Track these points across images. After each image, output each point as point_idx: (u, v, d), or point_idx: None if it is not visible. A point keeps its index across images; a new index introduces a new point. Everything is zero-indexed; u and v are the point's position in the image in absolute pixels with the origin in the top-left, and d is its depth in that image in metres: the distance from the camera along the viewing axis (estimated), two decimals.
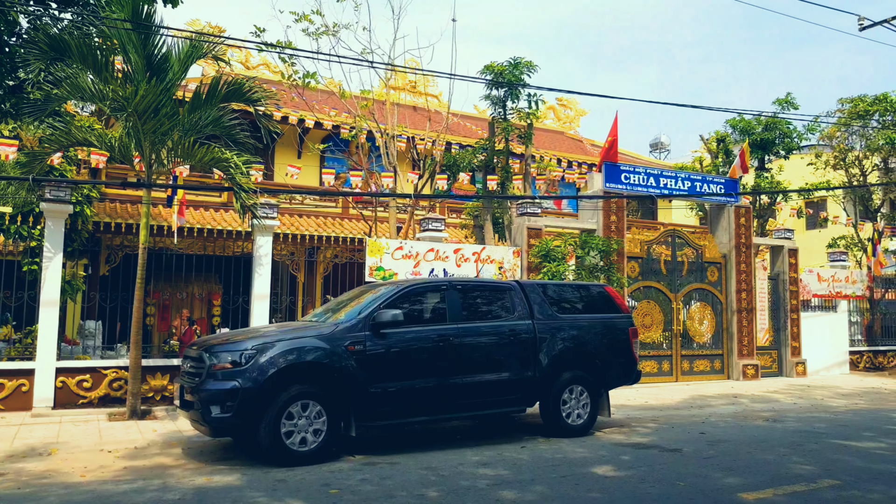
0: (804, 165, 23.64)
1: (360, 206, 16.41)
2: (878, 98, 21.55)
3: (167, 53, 10.12)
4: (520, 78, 15.21)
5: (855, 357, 19.84)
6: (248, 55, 19.37)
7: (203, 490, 6.35)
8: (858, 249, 22.46)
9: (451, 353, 8.34)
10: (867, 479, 6.97)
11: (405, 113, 18.13)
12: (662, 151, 36.19)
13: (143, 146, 10.06)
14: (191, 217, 13.98)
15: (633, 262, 15.61)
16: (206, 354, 7.60)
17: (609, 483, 6.74)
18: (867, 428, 10.33)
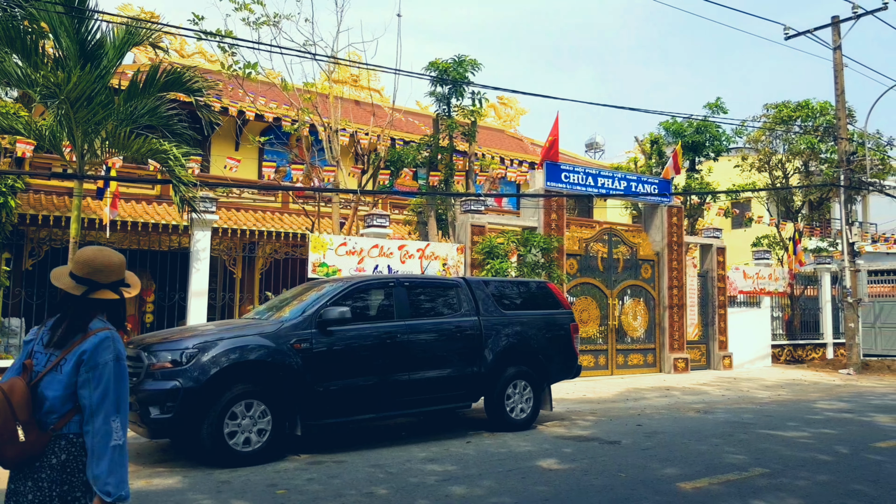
0: (731, 167, 24.50)
1: (302, 201, 16.20)
2: (800, 105, 22.54)
3: (102, 39, 9.76)
4: (464, 76, 15.28)
5: (777, 350, 20.71)
6: (184, 43, 18.85)
7: (143, 494, 6.17)
8: (780, 248, 23.42)
9: (398, 350, 8.33)
10: (794, 467, 7.30)
11: (348, 107, 17.97)
12: (597, 151, 36.88)
13: (75, 135, 9.68)
14: (123, 210, 13.53)
15: (572, 259, 15.90)
16: (143, 353, 7.36)
17: (554, 476, 6.87)
18: (791, 418, 10.81)
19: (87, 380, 2.68)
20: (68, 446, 2.70)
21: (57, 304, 2.89)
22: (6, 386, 2.67)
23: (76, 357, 2.70)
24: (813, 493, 6.25)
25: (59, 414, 2.71)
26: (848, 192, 19.25)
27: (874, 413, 11.50)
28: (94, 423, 2.65)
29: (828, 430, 9.73)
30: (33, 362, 2.80)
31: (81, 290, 2.80)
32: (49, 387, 2.71)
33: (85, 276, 2.81)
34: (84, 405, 2.68)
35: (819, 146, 22.07)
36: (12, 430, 2.61)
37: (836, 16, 19.22)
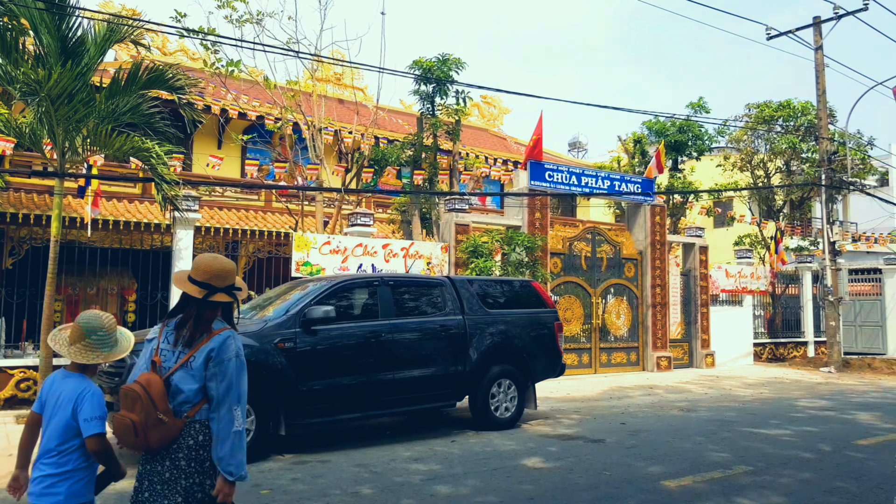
0: (714, 167, 24.68)
1: (286, 200, 16.12)
2: (781, 104, 22.74)
3: (83, 36, 9.63)
4: (448, 74, 15.27)
5: (758, 349, 20.89)
6: (166, 40, 18.68)
7: (126, 495, 6.06)
8: (762, 247, 23.62)
9: (383, 349, 8.31)
10: (777, 465, 7.36)
11: (331, 105, 17.90)
12: (580, 151, 37.03)
13: (55, 133, 9.56)
14: (105, 209, 13.39)
15: (555, 258, 15.94)
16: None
17: (539, 475, 6.88)
18: (773, 416, 10.90)
19: (214, 374, 3.08)
20: (200, 432, 3.11)
21: (178, 305, 3.24)
22: (144, 380, 3.05)
23: (204, 354, 3.10)
24: (796, 491, 6.30)
25: (192, 404, 3.11)
26: (829, 192, 19.44)
27: (855, 411, 11.62)
28: (220, 411, 3.07)
29: (810, 427, 9.82)
30: (161, 359, 3.17)
31: (203, 293, 3.15)
32: (182, 380, 3.10)
33: (204, 280, 3.15)
34: (211, 396, 3.09)
35: (800, 146, 22.28)
36: (154, 418, 3.00)
37: (818, 16, 19.41)
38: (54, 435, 3.15)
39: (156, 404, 3.01)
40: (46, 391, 3.28)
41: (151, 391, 3.02)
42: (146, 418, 3.00)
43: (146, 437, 3.02)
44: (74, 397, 3.15)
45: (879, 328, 24.72)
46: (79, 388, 3.19)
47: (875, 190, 27.11)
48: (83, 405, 3.13)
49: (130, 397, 3.05)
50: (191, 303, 3.18)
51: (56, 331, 3.35)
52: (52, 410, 3.20)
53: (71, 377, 3.25)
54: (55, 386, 3.26)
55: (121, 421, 3.05)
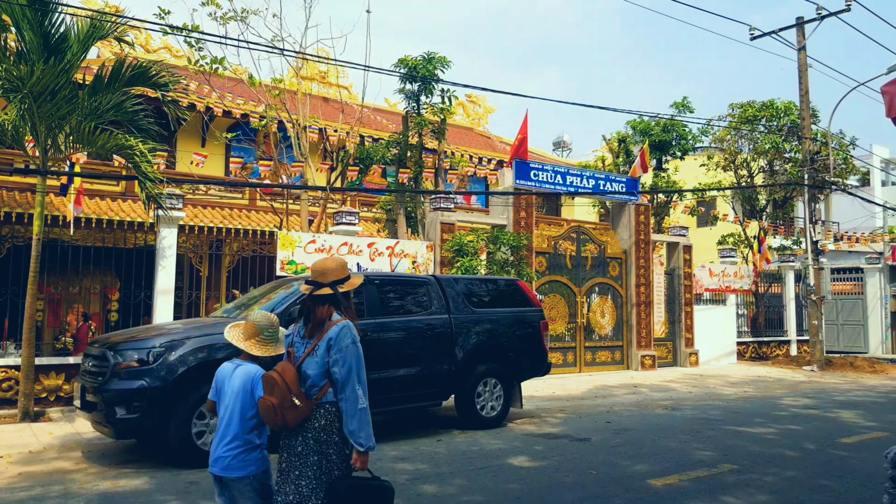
0: (697, 166, 24.79)
1: (270, 198, 16.03)
2: (765, 104, 22.88)
3: (66, 33, 9.53)
4: (433, 73, 15.24)
5: (742, 347, 21.05)
6: (149, 37, 18.51)
7: (109, 495, 6.05)
8: (745, 246, 23.78)
9: (368, 348, 8.08)
10: (762, 463, 7.41)
11: (316, 104, 17.82)
12: (565, 150, 37.11)
13: (38, 130, 9.45)
14: (87, 207, 13.25)
15: (540, 257, 15.97)
16: (109, 353, 7.24)
17: (525, 473, 6.89)
18: (757, 414, 10.98)
19: (336, 360, 3.55)
20: (327, 413, 3.60)
21: (305, 304, 3.76)
22: (280, 368, 3.57)
23: (325, 343, 3.58)
24: (781, 489, 6.35)
25: (318, 387, 3.60)
26: (812, 192, 19.60)
27: (838, 409, 11.73)
28: (346, 391, 3.53)
29: (794, 426, 9.90)
30: (294, 350, 3.71)
31: (308, 289, 3.72)
32: (309, 367, 3.61)
33: (312, 279, 3.75)
34: (336, 379, 3.56)
35: (783, 146, 22.44)
36: (290, 401, 3.50)
37: (801, 17, 19.55)
38: (237, 416, 3.73)
39: (290, 388, 3.51)
40: (221, 380, 3.88)
41: (286, 377, 3.53)
42: (282, 401, 3.51)
43: (284, 416, 3.52)
44: (249, 381, 3.74)
45: (861, 327, 25.01)
46: (251, 372, 3.78)
47: (857, 190, 27.40)
48: (257, 386, 3.72)
49: (269, 383, 3.57)
50: (317, 301, 3.70)
51: (229, 328, 3.97)
52: (229, 396, 3.79)
53: (242, 365, 3.85)
54: (228, 375, 3.86)
55: (264, 403, 3.58)
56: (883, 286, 24.66)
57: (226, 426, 3.76)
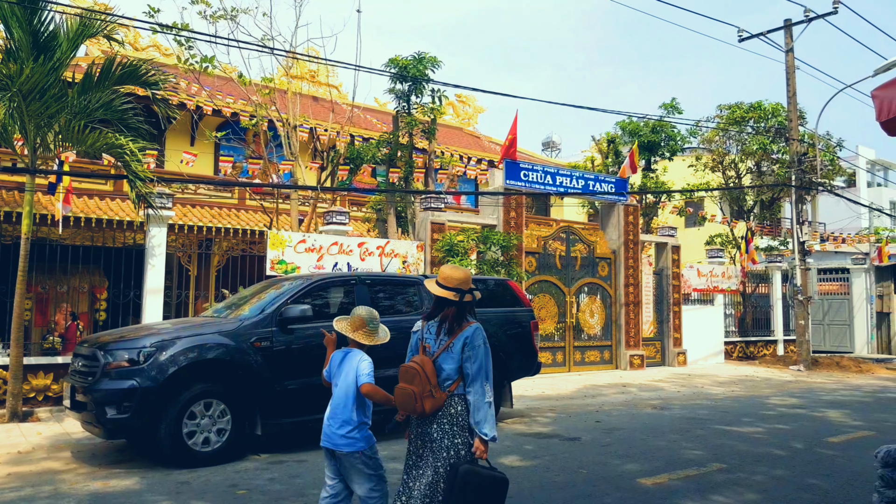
0: (686, 167, 24.95)
1: (260, 198, 15.99)
2: (753, 106, 23.04)
3: (55, 31, 9.46)
4: (424, 73, 15.25)
5: (729, 347, 21.18)
6: (138, 36, 18.42)
7: (100, 495, 6.03)
8: (733, 247, 23.92)
9: None
10: (750, 462, 7.48)
11: (306, 103, 17.78)
12: (554, 150, 37.23)
13: (27, 129, 9.37)
14: (76, 206, 13.18)
15: (530, 256, 16.01)
16: (99, 352, 7.21)
17: (516, 472, 6.90)
18: (745, 414, 11.06)
19: (468, 357, 3.96)
20: (458, 403, 4.00)
21: (435, 306, 4.16)
22: (419, 360, 3.99)
23: (461, 341, 3.98)
24: (770, 488, 6.41)
25: (452, 380, 4.00)
26: (799, 192, 19.75)
27: (825, 408, 11.84)
28: (475, 386, 3.93)
29: (782, 425, 9.99)
30: (429, 346, 4.09)
31: (457, 296, 4.07)
32: (445, 362, 4.00)
33: (455, 287, 4.09)
34: (467, 374, 3.97)
35: (771, 147, 22.59)
36: (429, 391, 3.90)
37: (789, 19, 19.68)
38: (345, 397, 4.25)
39: (429, 379, 3.92)
40: (335, 365, 4.43)
41: (426, 369, 3.94)
42: (422, 390, 3.91)
43: (422, 404, 3.92)
44: (356, 365, 4.27)
45: (847, 327, 25.24)
46: (356, 358, 4.32)
47: (843, 191, 27.62)
48: (360, 367, 4.24)
49: (410, 373, 3.98)
50: (446, 303, 4.09)
51: (337, 321, 4.53)
52: (340, 379, 4.33)
53: (351, 352, 4.39)
54: (340, 360, 4.41)
55: (403, 391, 3.98)
56: (869, 286, 24.91)
57: (336, 406, 4.30)
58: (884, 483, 4.75)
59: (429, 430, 4.01)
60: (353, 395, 4.24)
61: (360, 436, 4.22)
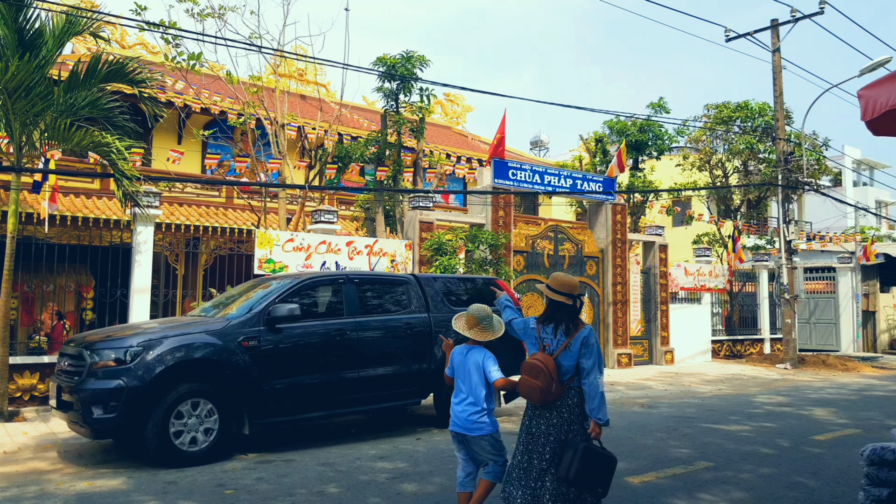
0: (673, 166, 25.05)
1: (247, 196, 15.92)
2: (740, 105, 23.17)
3: (41, 28, 9.39)
4: (412, 72, 15.23)
5: (717, 346, 21.29)
6: (125, 33, 18.30)
7: (86, 495, 6.00)
8: (720, 246, 24.06)
9: (348, 347, 8.27)
10: (737, 460, 7.52)
11: (294, 101, 17.73)
12: (542, 149, 37.27)
13: (12, 127, 9.29)
14: (62, 204, 13.08)
15: (518, 255, 16.03)
16: (86, 352, 7.16)
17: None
18: (732, 412, 11.13)
19: (585, 353, 4.57)
20: (575, 394, 4.62)
21: (550, 310, 4.73)
22: (542, 358, 4.54)
23: (579, 341, 4.57)
24: (757, 486, 6.45)
25: (570, 374, 4.60)
26: (785, 192, 19.87)
27: (812, 407, 11.92)
28: (590, 378, 4.54)
29: (768, 423, 10.05)
30: (548, 344, 4.64)
31: (572, 301, 4.66)
32: (564, 359, 4.58)
33: (569, 292, 4.66)
34: (583, 368, 4.56)
35: (758, 146, 22.72)
36: (553, 383, 4.49)
37: (776, 19, 19.79)
38: (473, 388, 4.86)
39: (552, 375, 4.49)
40: (457, 361, 4.99)
41: (549, 366, 4.50)
42: (547, 384, 4.48)
43: (546, 396, 4.51)
44: (482, 361, 4.87)
45: (833, 325, 25.43)
46: (480, 355, 4.91)
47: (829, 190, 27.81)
48: (488, 364, 4.86)
49: (535, 369, 4.53)
50: (561, 307, 4.66)
51: (456, 319, 5.07)
52: (464, 372, 4.92)
53: (474, 349, 4.96)
54: (463, 356, 4.98)
55: (528, 384, 4.56)
56: (854, 285, 25.10)
57: (466, 397, 4.88)
58: (869, 481, 4.79)
59: (547, 416, 4.63)
60: (482, 387, 4.85)
61: (488, 420, 4.84)
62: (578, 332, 4.60)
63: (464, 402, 4.88)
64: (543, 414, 4.65)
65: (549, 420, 4.62)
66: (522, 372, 4.64)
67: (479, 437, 4.84)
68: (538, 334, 4.72)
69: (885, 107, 4.35)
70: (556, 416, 4.60)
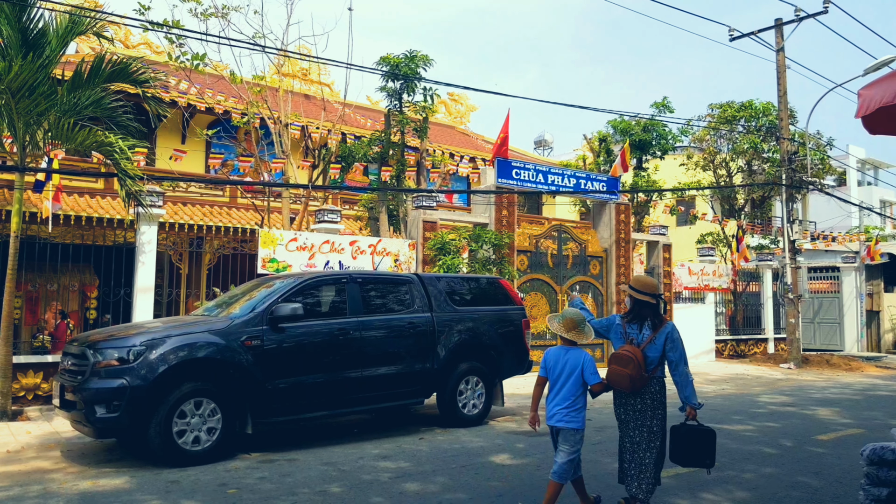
0: (677, 166, 25.01)
1: (251, 196, 15.93)
2: (744, 105, 23.11)
3: (45, 28, 9.41)
4: (416, 71, 15.22)
5: (720, 345, 21.24)
6: (129, 33, 18.33)
7: (89, 495, 6.01)
8: (724, 245, 24.01)
9: (351, 346, 8.27)
10: (740, 460, 7.50)
11: (298, 101, 17.74)
12: (546, 149, 37.24)
13: (16, 127, 9.32)
14: (66, 203, 13.11)
15: (522, 255, 16.02)
16: (89, 351, 7.17)
17: (507, 471, 6.92)
18: (736, 412, 11.10)
19: (671, 347, 5.14)
20: (658, 383, 5.23)
21: (635, 308, 5.26)
22: (630, 350, 5.07)
23: (664, 336, 5.14)
24: (759, 486, 6.43)
25: (654, 365, 5.16)
26: (789, 191, 19.83)
27: (815, 406, 11.89)
28: (679, 369, 5.13)
29: (772, 423, 10.02)
30: (634, 338, 5.18)
31: (655, 300, 5.22)
32: (649, 351, 5.12)
33: (652, 293, 5.22)
34: (671, 361, 5.15)
35: (762, 146, 22.67)
36: (640, 371, 5.03)
37: (780, 18, 19.74)
38: (570, 387, 5.25)
39: (640, 365, 5.02)
40: (552, 361, 5.38)
41: (637, 356, 5.03)
42: (635, 373, 5.01)
43: (634, 383, 5.04)
44: (580, 362, 5.25)
45: (837, 325, 25.38)
46: (581, 356, 5.29)
47: (833, 189, 27.77)
48: (587, 366, 5.24)
49: (624, 359, 5.05)
50: (646, 306, 5.20)
51: (551, 320, 5.51)
52: (559, 372, 5.31)
53: (571, 350, 5.35)
54: (558, 357, 5.36)
55: (618, 372, 5.09)
56: (858, 285, 25.04)
57: (562, 393, 5.28)
58: (869, 481, 4.78)
59: (633, 402, 5.22)
60: (580, 386, 5.26)
61: (580, 417, 5.28)
62: (663, 327, 5.16)
63: (561, 398, 5.29)
64: (629, 401, 5.24)
65: (635, 406, 5.22)
66: (611, 362, 5.17)
67: (572, 429, 5.26)
68: (624, 330, 5.28)
69: (878, 103, 4.33)
70: (640, 402, 5.19)
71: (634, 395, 5.18)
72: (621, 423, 5.37)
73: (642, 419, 5.19)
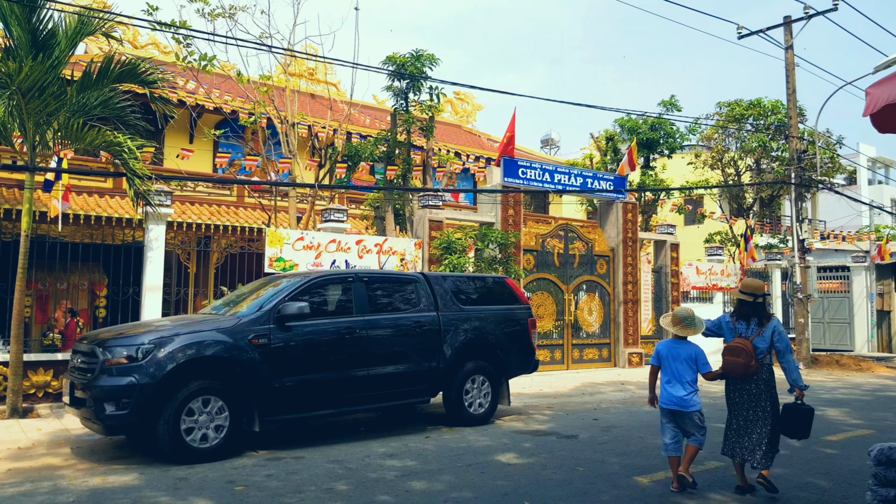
0: (685, 165, 24.94)
1: (258, 195, 15.99)
2: (752, 103, 23.02)
3: (54, 29, 9.47)
4: (422, 70, 15.25)
5: None
6: (137, 34, 18.42)
7: (99, 491, 6.06)
8: (732, 245, 23.91)
9: (357, 345, 8.30)
10: None
11: (304, 100, 17.80)
12: (553, 148, 37.21)
13: (26, 127, 9.39)
14: (75, 203, 13.19)
15: (528, 254, 16.02)
16: (98, 349, 7.23)
17: (513, 470, 6.93)
18: None
19: (778, 339, 6.11)
20: (767, 370, 6.17)
21: (741, 307, 6.26)
22: (742, 342, 6.04)
23: (770, 329, 6.11)
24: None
25: (763, 354, 6.09)
26: (798, 190, 19.74)
27: (824, 407, 11.84)
28: (786, 357, 6.09)
29: None
30: (740, 332, 6.17)
31: (760, 300, 6.17)
32: (758, 342, 6.07)
33: (757, 293, 6.18)
34: (779, 350, 6.09)
35: (770, 144, 22.59)
36: (752, 359, 5.99)
37: (788, 16, 19.64)
38: (685, 373, 6.22)
39: (751, 354, 5.98)
40: (665, 352, 6.34)
41: (747, 346, 6.00)
42: (747, 361, 5.98)
43: (747, 369, 6.01)
44: (693, 354, 6.24)
45: (847, 325, 25.24)
46: (693, 349, 6.28)
47: (843, 188, 27.61)
48: (699, 357, 6.26)
49: (737, 349, 6.02)
50: (751, 305, 6.18)
51: (664, 319, 6.49)
52: (673, 362, 6.27)
53: (682, 343, 6.31)
54: (670, 349, 6.32)
55: (732, 361, 6.07)
56: (869, 284, 24.90)
57: (680, 380, 6.20)
58: (877, 481, 4.77)
59: (747, 388, 6.16)
60: (693, 372, 6.20)
61: (697, 399, 6.19)
62: (770, 323, 6.12)
63: (675, 385, 6.19)
64: (743, 386, 6.17)
65: (749, 390, 6.14)
66: (725, 354, 6.12)
67: (691, 412, 6.14)
68: (734, 326, 6.23)
69: (885, 101, 4.32)
70: (753, 386, 6.13)
71: (748, 381, 6.11)
72: (734, 405, 6.26)
73: (756, 401, 6.11)
